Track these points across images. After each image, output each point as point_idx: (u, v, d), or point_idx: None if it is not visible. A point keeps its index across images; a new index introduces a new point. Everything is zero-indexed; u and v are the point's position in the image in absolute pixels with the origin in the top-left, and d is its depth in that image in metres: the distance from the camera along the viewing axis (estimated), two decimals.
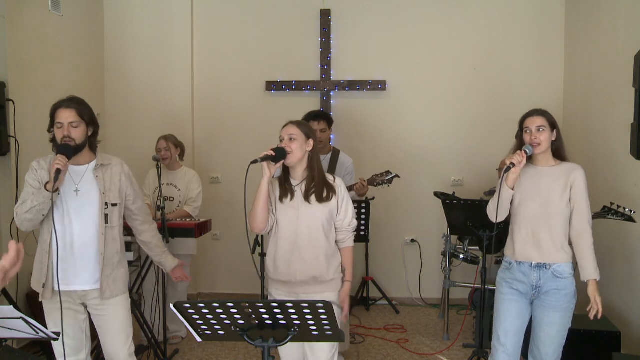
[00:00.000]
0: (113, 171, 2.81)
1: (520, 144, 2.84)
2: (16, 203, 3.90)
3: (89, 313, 2.83)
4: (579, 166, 2.81)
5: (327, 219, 2.73)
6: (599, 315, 2.72)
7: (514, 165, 2.66)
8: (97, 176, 2.75)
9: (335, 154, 4.16)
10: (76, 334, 2.76)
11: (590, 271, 2.72)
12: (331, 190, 2.73)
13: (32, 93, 4.19)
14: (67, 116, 2.68)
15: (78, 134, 2.68)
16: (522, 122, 2.82)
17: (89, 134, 2.75)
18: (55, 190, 2.58)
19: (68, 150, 2.63)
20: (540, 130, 2.73)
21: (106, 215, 2.74)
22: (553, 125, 2.78)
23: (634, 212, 3.33)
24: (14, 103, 3.92)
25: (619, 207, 3.34)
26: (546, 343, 2.77)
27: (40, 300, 2.73)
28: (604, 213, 3.39)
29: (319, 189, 2.71)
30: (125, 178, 2.85)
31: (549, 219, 2.74)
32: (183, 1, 5.38)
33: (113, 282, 2.77)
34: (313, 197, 2.70)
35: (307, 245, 2.69)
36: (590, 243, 2.76)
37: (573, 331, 3.41)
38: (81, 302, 2.76)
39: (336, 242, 2.82)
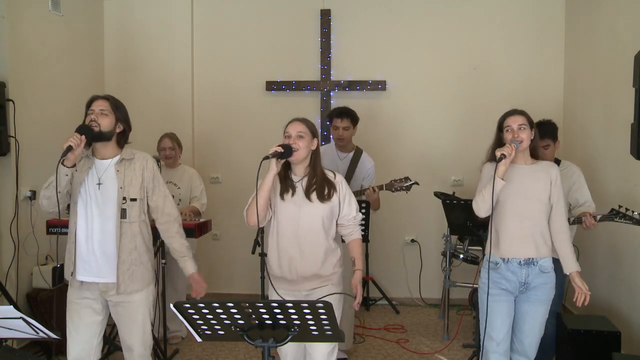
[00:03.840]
0: (135, 166, 2.80)
1: (498, 144, 2.91)
2: (16, 202, 3.95)
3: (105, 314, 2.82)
4: (554, 164, 2.95)
5: (328, 217, 2.75)
6: (587, 301, 2.81)
7: (505, 156, 2.71)
8: (118, 170, 2.75)
9: (358, 153, 4.12)
10: (88, 335, 2.72)
11: (573, 263, 2.84)
12: (332, 187, 2.76)
13: (32, 93, 4.20)
14: (99, 104, 2.73)
15: (105, 121, 2.71)
16: (502, 122, 2.91)
17: (118, 130, 2.76)
18: (73, 166, 2.63)
19: (86, 130, 2.65)
20: (522, 128, 2.82)
21: (124, 210, 2.72)
22: (531, 124, 2.87)
23: None
24: (14, 103, 3.92)
25: (627, 210, 3.29)
26: (530, 335, 2.86)
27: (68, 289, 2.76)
28: (611, 216, 3.34)
29: (320, 186, 2.73)
30: (149, 173, 2.82)
31: (534, 215, 2.82)
32: (183, 1, 5.39)
33: (129, 278, 2.73)
34: (314, 195, 2.72)
35: (308, 243, 2.72)
36: (569, 237, 2.88)
37: (573, 331, 3.43)
38: (101, 298, 2.75)
39: (343, 235, 2.85)
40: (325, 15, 5.34)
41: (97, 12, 5.31)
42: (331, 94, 5.36)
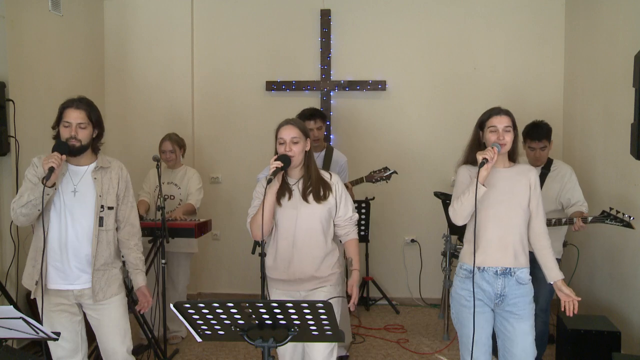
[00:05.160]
0: (112, 174, 2.82)
1: (476, 142, 2.76)
2: None
3: (84, 313, 2.83)
4: (532, 167, 2.79)
5: (326, 218, 2.74)
6: (576, 309, 2.62)
7: (487, 160, 2.53)
8: (95, 178, 2.76)
9: (329, 151, 4.17)
10: (72, 336, 2.76)
11: (556, 271, 2.67)
12: (327, 188, 2.74)
13: (32, 93, 4.20)
14: (76, 116, 2.69)
15: (85, 135, 2.70)
16: (485, 120, 2.72)
17: (94, 135, 2.76)
18: (52, 186, 2.60)
19: (63, 148, 2.64)
20: (507, 130, 2.65)
21: (101, 218, 2.74)
22: (515, 126, 2.71)
23: (633, 219, 3.31)
24: (14, 103, 3.92)
25: (617, 212, 3.31)
26: (523, 358, 2.64)
27: (32, 297, 2.74)
28: (602, 218, 3.36)
29: (316, 187, 2.72)
30: (123, 182, 2.85)
31: (514, 222, 2.64)
32: (183, 1, 5.39)
33: (106, 284, 2.77)
34: (311, 197, 2.70)
35: (306, 245, 2.71)
36: (550, 244, 2.70)
37: (573, 331, 3.43)
38: (76, 302, 2.76)
39: (340, 236, 2.84)
40: (325, 15, 5.34)
41: (97, 12, 5.32)
42: (331, 94, 5.36)
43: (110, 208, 2.78)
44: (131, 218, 2.88)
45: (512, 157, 2.75)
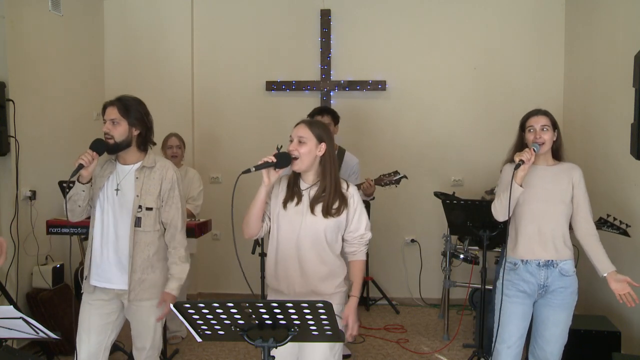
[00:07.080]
0: (155, 175, 2.72)
1: (520, 143, 2.87)
2: (16, 202, 3.95)
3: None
4: (577, 165, 2.86)
5: (332, 230, 2.50)
6: (637, 300, 2.66)
7: (523, 162, 2.65)
8: (137, 178, 2.70)
9: (341, 152, 4.14)
10: (96, 338, 2.71)
11: (608, 264, 2.72)
12: (343, 203, 2.50)
13: (32, 93, 4.20)
14: (109, 113, 2.68)
15: (118, 131, 2.65)
16: (524, 121, 2.84)
17: (135, 133, 2.70)
18: (87, 182, 2.63)
19: (99, 147, 2.64)
20: (544, 129, 2.77)
21: (139, 219, 2.67)
22: (554, 125, 2.82)
23: (629, 226, 3.34)
24: (14, 103, 3.92)
25: (615, 219, 3.35)
26: (551, 342, 2.77)
27: (82, 292, 2.78)
28: (599, 225, 3.38)
29: (329, 200, 2.47)
30: (166, 184, 2.73)
31: (554, 217, 2.75)
32: (183, 1, 5.39)
33: (140, 286, 2.70)
34: (319, 209, 2.47)
35: (308, 258, 2.49)
36: (598, 238, 2.79)
37: (573, 331, 3.41)
38: (118, 300, 2.73)
39: (346, 253, 2.60)
40: (325, 15, 5.34)
41: (97, 12, 5.32)
42: (331, 94, 5.36)
43: (149, 209, 2.68)
44: (174, 220, 2.76)
45: (557, 155, 2.86)
